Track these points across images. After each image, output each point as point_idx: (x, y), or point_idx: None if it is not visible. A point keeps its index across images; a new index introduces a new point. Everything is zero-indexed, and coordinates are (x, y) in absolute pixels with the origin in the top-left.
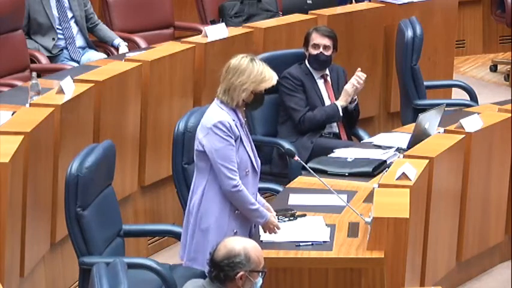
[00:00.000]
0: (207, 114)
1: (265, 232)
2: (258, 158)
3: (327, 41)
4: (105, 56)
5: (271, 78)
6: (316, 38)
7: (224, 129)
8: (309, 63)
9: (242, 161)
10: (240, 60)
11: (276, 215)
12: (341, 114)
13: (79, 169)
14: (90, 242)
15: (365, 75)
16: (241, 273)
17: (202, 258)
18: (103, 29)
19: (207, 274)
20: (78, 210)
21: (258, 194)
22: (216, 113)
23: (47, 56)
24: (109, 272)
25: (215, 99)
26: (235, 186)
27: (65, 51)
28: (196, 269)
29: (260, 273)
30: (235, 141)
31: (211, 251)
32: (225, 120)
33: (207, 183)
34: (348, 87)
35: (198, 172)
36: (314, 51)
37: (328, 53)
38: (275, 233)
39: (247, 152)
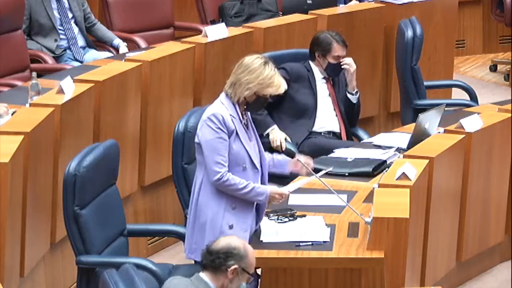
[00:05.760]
0: (207, 108)
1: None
2: (264, 157)
3: (345, 51)
4: (111, 55)
5: (278, 86)
6: (339, 50)
7: (216, 121)
8: (326, 71)
9: (238, 155)
10: (253, 59)
11: (276, 215)
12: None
13: (77, 168)
14: (88, 241)
15: (350, 58)
16: (235, 266)
17: (201, 250)
18: (101, 28)
19: (200, 263)
20: (76, 209)
21: (270, 154)
22: (214, 107)
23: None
24: (122, 277)
25: (223, 91)
26: (219, 179)
27: (68, 51)
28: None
29: (248, 278)
30: (230, 135)
31: (209, 243)
32: (218, 113)
33: (204, 177)
34: (348, 78)
35: (198, 165)
36: (334, 61)
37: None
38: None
39: (244, 147)
